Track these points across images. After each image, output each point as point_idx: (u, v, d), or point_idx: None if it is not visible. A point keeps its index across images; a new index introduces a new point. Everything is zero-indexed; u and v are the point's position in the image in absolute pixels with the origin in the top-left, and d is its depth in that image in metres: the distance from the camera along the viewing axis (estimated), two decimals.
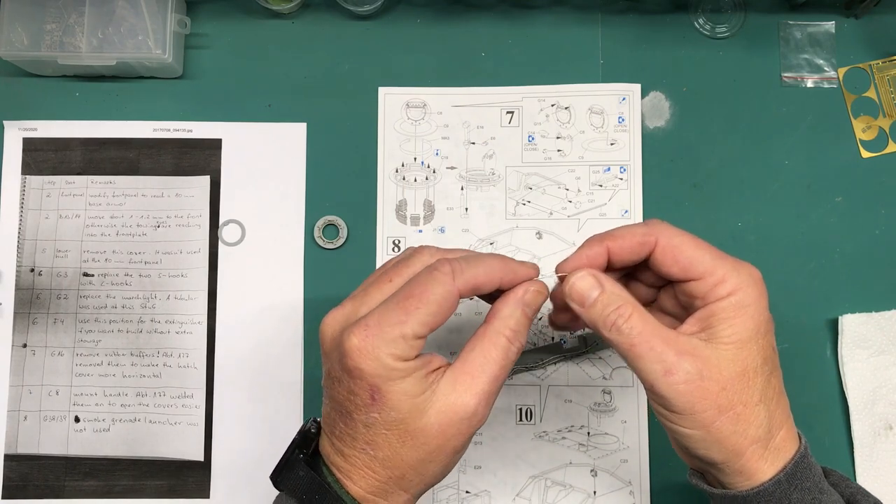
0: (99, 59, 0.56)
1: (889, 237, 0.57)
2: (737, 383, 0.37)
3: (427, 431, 0.38)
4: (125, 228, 0.58)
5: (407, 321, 0.37)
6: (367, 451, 0.38)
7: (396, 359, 0.37)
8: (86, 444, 0.56)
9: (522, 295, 0.40)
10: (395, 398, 0.37)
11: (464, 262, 0.39)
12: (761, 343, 0.38)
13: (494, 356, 0.39)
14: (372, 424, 0.38)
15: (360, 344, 0.37)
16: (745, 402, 0.38)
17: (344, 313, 0.39)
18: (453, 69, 0.59)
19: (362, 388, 0.37)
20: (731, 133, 0.58)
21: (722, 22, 0.59)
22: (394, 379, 0.37)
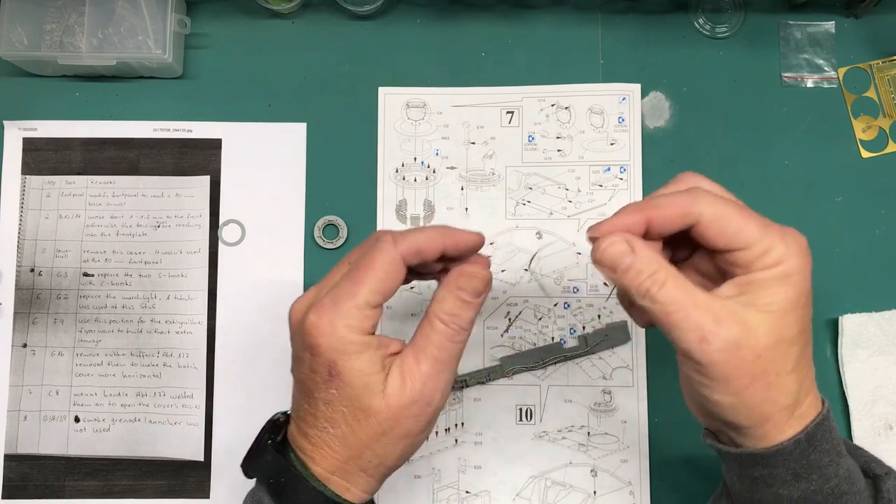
0: (99, 59, 0.56)
1: (889, 237, 0.57)
2: (772, 352, 0.37)
3: (379, 411, 0.38)
4: (125, 228, 0.58)
5: (358, 291, 0.38)
6: (328, 430, 0.39)
7: (352, 330, 0.38)
8: (86, 444, 0.56)
9: (456, 278, 0.40)
10: (350, 374, 0.38)
11: (406, 231, 0.40)
12: (801, 313, 0.37)
13: (434, 339, 0.39)
14: (331, 401, 0.39)
15: (317, 320, 0.38)
16: (778, 371, 0.37)
17: (308, 298, 0.41)
18: (453, 69, 0.59)
19: (321, 364, 0.38)
20: (731, 133, 0.58)
21: (722, 22, 0.59)
22: (349, 353, 0.38)
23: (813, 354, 0.40)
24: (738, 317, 0.36)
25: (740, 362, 0.36)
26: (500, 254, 0.57)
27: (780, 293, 0.37)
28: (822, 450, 0.38)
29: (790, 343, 0.37)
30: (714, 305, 0.37)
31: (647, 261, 0.37)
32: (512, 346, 0.56)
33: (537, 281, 0.57)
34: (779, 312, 0.37)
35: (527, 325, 0.56)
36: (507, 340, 0.56)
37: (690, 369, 0.38)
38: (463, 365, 0.56)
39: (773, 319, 0.37)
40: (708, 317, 0.36)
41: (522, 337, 0.56)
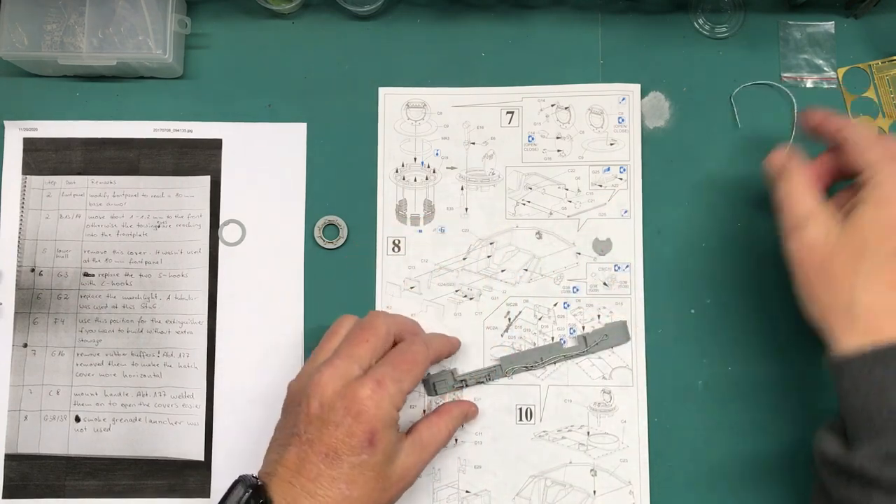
0: (99, 60, 0.56)
1: None
2: (840, 258, 0.44)
3: (391, 478, 0.46)
4: (125, 228, 0.58)
5: (404, 380, 0.47)
6: (343, 491, 0.44)
7: (395, 409, 0.46)
8: (86, 444, 0.56)
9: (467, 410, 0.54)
10: (384, 443, 0.45)
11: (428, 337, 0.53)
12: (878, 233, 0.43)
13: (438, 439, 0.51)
14: (359, 465, 0.44)
15: (372, 394, 0.45)
16: (843, 274, 0.43)
17: (339, 372, 0.46)
18: (453, 69, 0.59)
19: (364, 430, 0.44)
20: (731, 133, 0.59)
21: (722, 22, 0.59)
22: (389, 426, 0.46)
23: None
24: (823, 220, 0.45)
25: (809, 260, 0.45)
26: (500, 254, 0.57)
27: (862, 210, 0.44)
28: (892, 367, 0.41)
29: (860, 256, 0.43)
30: (816, 209, 0.46)
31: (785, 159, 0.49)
32: (512, 345, 0.56)
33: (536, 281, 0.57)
34: (857, 226, 0.44)
35: (527, 325, 0.56)
36: (507, 340, 0.56)
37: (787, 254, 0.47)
38: (463, 365, 0.56)
39: (851, 231, 0.44)
40: (803, 213, 0.46)
41: (522, 337, 0.56)
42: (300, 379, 0.49)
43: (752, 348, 0.56)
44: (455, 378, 0.55)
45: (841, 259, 0.44)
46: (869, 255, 0.43)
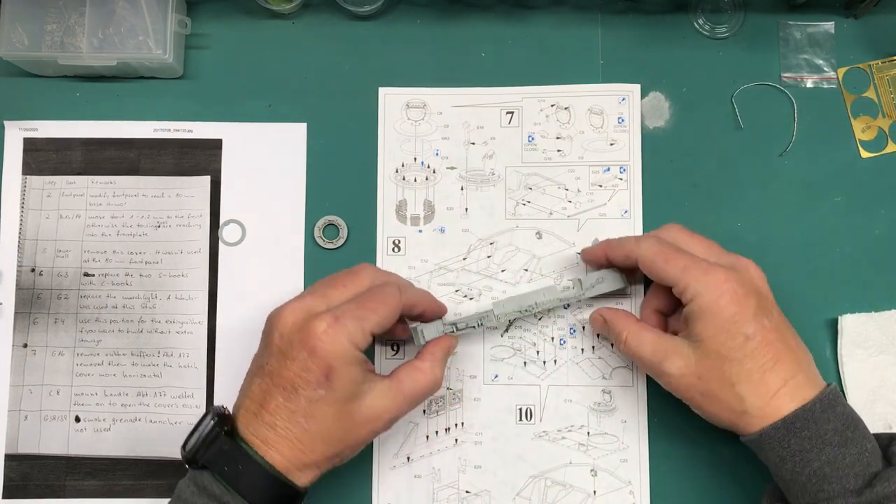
0: (99, 60, 0.56)
1: (889, 237, 0.57)
2: (710, 372, 0.46)
3: (355, 416, 0.45)
4: (126, 228, 0.58)
5: (367, 318, 0.46)
6: (302, 424, 0.44)
7: (354, 346, 0.45)
8: (86, 444, 0.56)
9: (447, 345, 0.51)
10: (344, 379, 0.44)
11: (405, 285, 0.51)
12: (726, 336, 0.45)
13: (422, 385, 0.48)
14: (316, 399, 0.44)
15: (328, 329, 0.44)
16: (720, 387, 0.46)
17: (304, 306, 0.46)
18: (453, 69, 0.59)
19: (320, 365, 0.44)
20: (731, 133, 0.59)
21: (722, 22, 0.59)
22: (347, 363, 0.44)
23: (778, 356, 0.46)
24: (680, 350, 0.47)
25: (687, 386, 0.47)
26: (500, 254, 0.57)
27: (701, 325, 0.46)
28: (804, 437, 0.44)
29: (723, 362, 0.46)
30: (662, 346, 0.48)
31: (612, 326, 0.51)
32: (511, 345, 0.56)
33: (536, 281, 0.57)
34: (705, 340, 0.46)
35: (527, 325, 0.56)
36: (507, 340, 0.56)
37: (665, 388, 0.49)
38: (463, 364, 0.56)
39: (701, 347, 0.46)
40: (657, 357, 0.48)
41: (522, 337, 0.56)
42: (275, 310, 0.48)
43: None
44: (444, 323, 0.53)
45: (710, 376, 0.46)
46: (728, 360, 0.46)
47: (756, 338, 0.46)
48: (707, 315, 0.46)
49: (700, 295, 0.46)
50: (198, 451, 0.45)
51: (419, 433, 0.56)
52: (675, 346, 0.48)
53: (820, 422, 0.44)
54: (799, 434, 0.44)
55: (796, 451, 0.44)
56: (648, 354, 0.48)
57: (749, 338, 0.45)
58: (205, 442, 0.45)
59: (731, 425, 0.47)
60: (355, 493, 0.55)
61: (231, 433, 0.45)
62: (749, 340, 0.45)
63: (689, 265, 0.47)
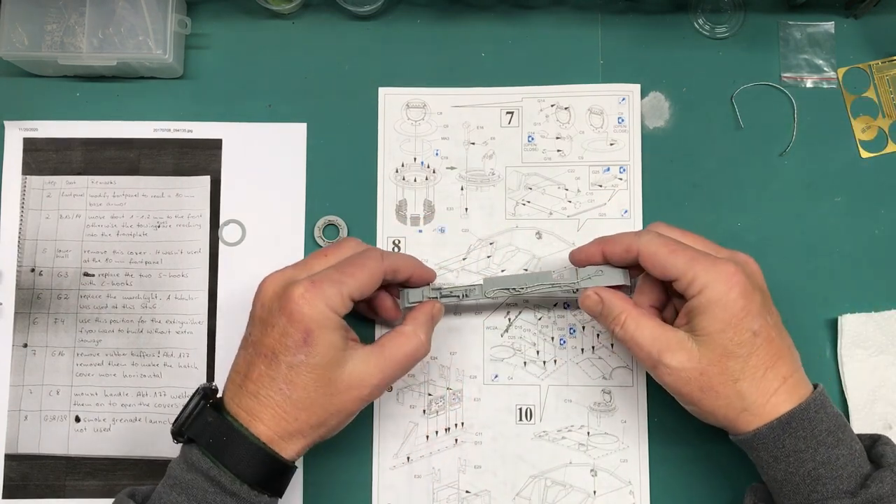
0: (99, 60, 0.56)
1: (889, 237, 0.57)
2: (713, 367, 0.45)
3: (338, 382, 0.45)
4: (126, 228, 0.58)
5: (345, 282, 0.45)
6: (283, 391, 0.44)
7: (331, 309, 0.44)
8: (86, 444, 0.56)
9: (431, 309, 0.50)
10: (322, 344, 0.44)
11: (389, 252, 0.51)
12: (734, 331, 0.45)
13: (406, 349, 0.47)
14: (297, 365, 0.44)
15: (305, 293, 0.44)
16: (723, 382, 0.45)
17: (285, 275, 0.47)
18: (453, 69, 0.59)
19: (298, 329, 0.44)
20: (731, 133, 0.59)
21: (722, 22, 0.59)
22: (325, 326, 0.44)
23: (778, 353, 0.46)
24: (682, 344, 0.46)
25: (686, 381, 0.45)
26: (500, 254, 0.57)
27: (709, 318, 0.45)
28: (799, 436, 0.44)
29: (728, 358, 0.45)
30: (664, 336, 0.46)
31: (610, 306, 0.49)
32: (511, 346, 0.56)
33: None
34: (711, 334, 0.45)
35: (527, 326, 0.56)
36: (507, 340, 0.56)
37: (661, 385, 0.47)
38: (463, 364, 0.56)
39: (707, 341, 0.45)
40: (656, 347, 0.46)
41: (522, 337, 0.56)
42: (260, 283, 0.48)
43: None
44: (430, 288, 0.52)
45: (712, 371, 0.45)
46: (733, 356, 0.45)
47: (761, 334, 0.45)
48: (715, 308, 0.45)
49: (709, 287, 0.45)
50: (183, 423, 0.45)
51: (419, 433, 0.56)
52: (677, 338, 0.46)
53: (814, 421, 0.44)
54: (794, 434, 0.44)
55: (791, 450, 0.44)
56: (648, 343, 0.46)
57: (755, 334, 0.45)
58: (190, 415, 0.45)
59: (726, 423, 0.46)
60: (355, 493, 0.55)
61: (217, 406, 0.45)
62: (755, 336, 0.45)
63: (695, 257, 0.46)
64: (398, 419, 0.56)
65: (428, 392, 0.56)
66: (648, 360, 0.47)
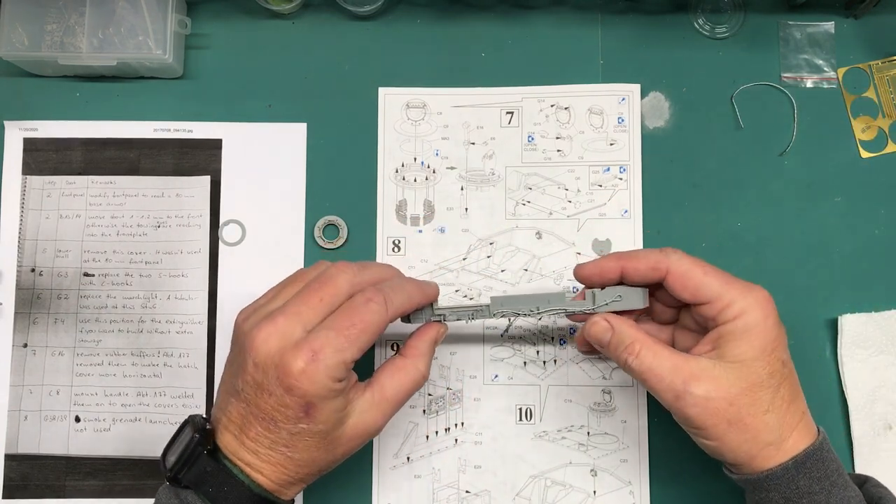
0: (99, 60, 0.56)
1: (889, 237, 0.57)
2: (744, 398, 0.41)
3: (340, 439, 0.43)
4: (126, 228, 0.58)
5: (348, 349, 0.41)
6: (285, 453, 0.42)
7: (334, 381, 0.41)
8: (86, 444, 0.56)
9: (435, 335, 0.47)
10: (325, 414, 0.42)
11: (391, 291, 0.44)
12: (767, 360, 0.42)
13: (407, 387, 0.45)
14: (298, 433, 0.42)
15: (305, 368, 0.40)
16: (752, 413, 0.42)
17: (278, 330, 0.42)
18: (453, 69, 0.59)
19: (297, 403, 0.41)
20: (731, 133, 0.59)
21: (722, 22, 0.59)
22: (327, 398, 0.41)
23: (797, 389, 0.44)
24: (708, 372, 0.42)
25: (714, 412, 0.41)
26: (499, 254, 0.57)
27: (744, 345, 0.42)
28: (812, 477, 0.42)
29: (760, 388, 0.42)
30: (686, 366, 0.42)
31: (623, 335, 0.44)
32: (511, 345, 0.56)
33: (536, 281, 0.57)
34: (744, 362, 0.42)
35: (527, 326, 0.56)
36: (508, 341, 0.56)
37: (678, 420, 0.43)
38: (463, 364, 0.56)
39: (739, 369, 0.42)
40: (679, 378, 0.42)
41: (522, 337, 0.56)
42: (246, 321, 0.44)
43: None
44: (434, 311, 0.49)
45: (743, 401, 0.42)
46: (764, 386, 0.42)
47: (788, 365, 0.43)
48: (753, 335, 0.42)
49: (747, 313, 0.42)
50: (180, 470, 0.42)
51: (419, 433, 0.56)
52: (700, 366, 0.42)
53: (826, 461, 0.42)
54: (809, 474, 0.42)
55: (805, 492, 0.42)
56: (669, 373, 0.42)
57: (784, 364, 0.43)
58: (188, 461, 0.42)
59: (745, 459, 0.42)
60: (355, 493, 0.55)
61: (213, 451, 0.43)
62: (784, 367, 0.43)
63: (730, 280, 0.43)
64: (398, 419, 0.56)
65: (428, 392, 0.56)
66: (670, 392, 0.42)
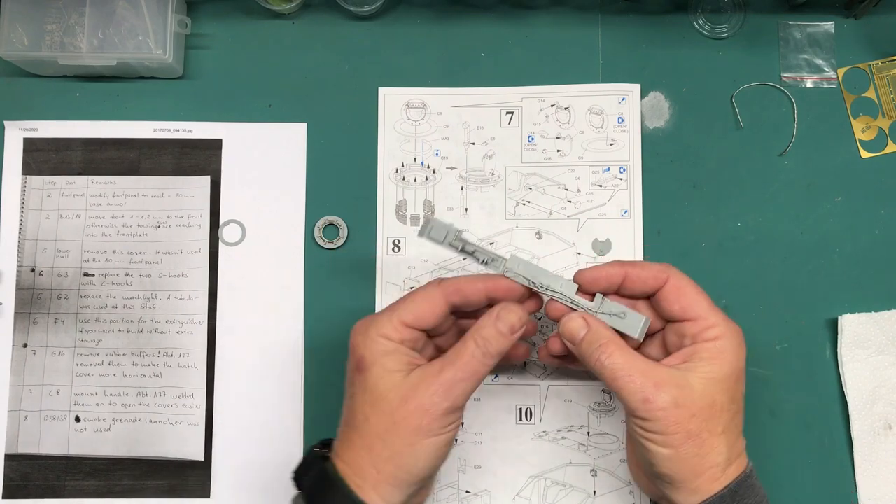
0: (99, 60, 0.56)
1: (889, 237, 0.57)
2: (705, 413, 0.43)
3: (391, 400, 0.43)
4: (125, 228, 0.58)
5: (397, 308, 0.45)
6: (349, 422, 0.44)
7: (382, 336, 0.44)
8: (86, 444, 0.56)
9: (498, 309, 0.46)
10: (373, 367, 0.44)
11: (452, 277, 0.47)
12: (731, 386, 0.44)
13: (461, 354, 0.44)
14: (355, 394, 0.44)
15: (357, 327, 0.46)
16: (710, 430, 0.43)
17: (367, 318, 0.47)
18: (453, 69, 0.59)
19: (353, 360, 0.45)
20: (731, 133, 0.59)
21: (722, 22, 0.59)
22: (376, 352, 0.44)
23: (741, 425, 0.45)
24: (677, 381, 0.43)
25: (677, 420, 0.42)
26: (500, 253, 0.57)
27: (716, 364, 0.44)
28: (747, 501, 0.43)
29: (721, 409, 0.43)
30: (658, 372, 0.43)
31: (598, 334, 0.45)
32: None
33: None
34: (713, 380, 0.43)
35: None
36: None
37: (636, 425, 0.44)
38: None
39: (708, 385, 0.43)
40: (649, 381, 0.43)
41: (522, 337, 0.56)
42: None
43: (752, 348, 0.56)
44: (455, 236, 0.48)
45: (703, 416, 0.43)
46: (724, 409, 0.43)
47: (741, 400, 0.45)
48: (725, 359, 0.44)
49: (726, 338, 0.44)
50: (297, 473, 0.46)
51: None
52: (671, 374, 0.43)
53: (755, 488, 0.44)
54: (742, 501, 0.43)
55: None
56: (639, 375, 0.43)
57: (742, 396, 0.45)
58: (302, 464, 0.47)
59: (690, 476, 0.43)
60: None
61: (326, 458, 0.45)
62: (742, 399, 0.45)
63: (714, 306, 0.46)
64: None
65: None
66: (640, 394, 0.43)
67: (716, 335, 0.45)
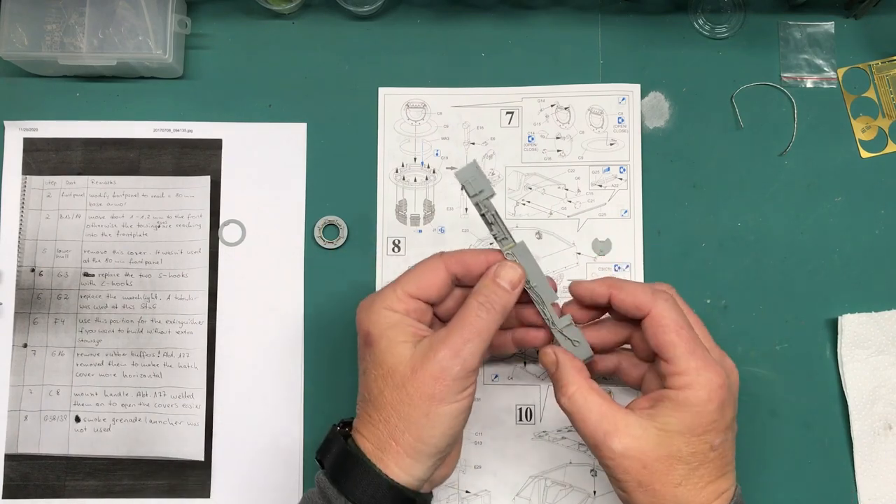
0: (99, 60, 0.56)
1: (889, 237, 0.57)
2: (658, 465, 0.42)
3: (401, 369, 0.43)
4: (125, 228, 0.58)
5: (400, 280, 0.46)
6: (365, 397, 0.45)
7: (386, 308, 0.45)
8: (86, 444, 0.56)
9: (496, 267, 0.45)
10: (380, 340, 0.44)
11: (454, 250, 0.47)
12: (693, 440, 0.42)
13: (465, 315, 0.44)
14: (367, 369, 0.45)
15: (362, 304, 0.46)
16: (664, 482, 0.42)
17: None
18: (453, 69, 0.59)
19: (361, 335, 0.45)
20: (731, 133, 0.59)
21: (721, 22, 0.59)
22: (381, 324, 0.44)
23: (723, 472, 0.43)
24: (631, 430, 0.42)
25: (626, 469, 0.42)
26: None
27: (676, 417, 0.42)
28: None
29: (677, 461, 0.42)
30: (612, 418, 0.42)
31: (563, 372, 0.45)
32: None
33: None
34: (670, 434, 0.42)
35: None
36: None
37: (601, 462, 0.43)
38: None
39: (662, 437, 0.42)
40: (601, 428, 0.42)
41: None
42: None
43: (751, 348, 0.56)
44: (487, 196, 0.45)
45: (656, 467, 0.42)
46: (683, 461, 0.42)
47: (718, 450, 0.43)
48: (687, 412, 0.42)
49: (692, 389, 0.42)
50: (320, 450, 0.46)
51: None
52: (627, 422, 0.42)
53: None
54: None
55: None
56: (594, 421, 0.42)
57: (713, 448, 0.42)
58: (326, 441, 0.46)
59: None
60: None
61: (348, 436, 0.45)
62: (712, 451, 0.42)
63: (694, 350, 0.43)
64: None
65: None
66: (591, 439, 0.43)
67: (683, 384, 0.42)
